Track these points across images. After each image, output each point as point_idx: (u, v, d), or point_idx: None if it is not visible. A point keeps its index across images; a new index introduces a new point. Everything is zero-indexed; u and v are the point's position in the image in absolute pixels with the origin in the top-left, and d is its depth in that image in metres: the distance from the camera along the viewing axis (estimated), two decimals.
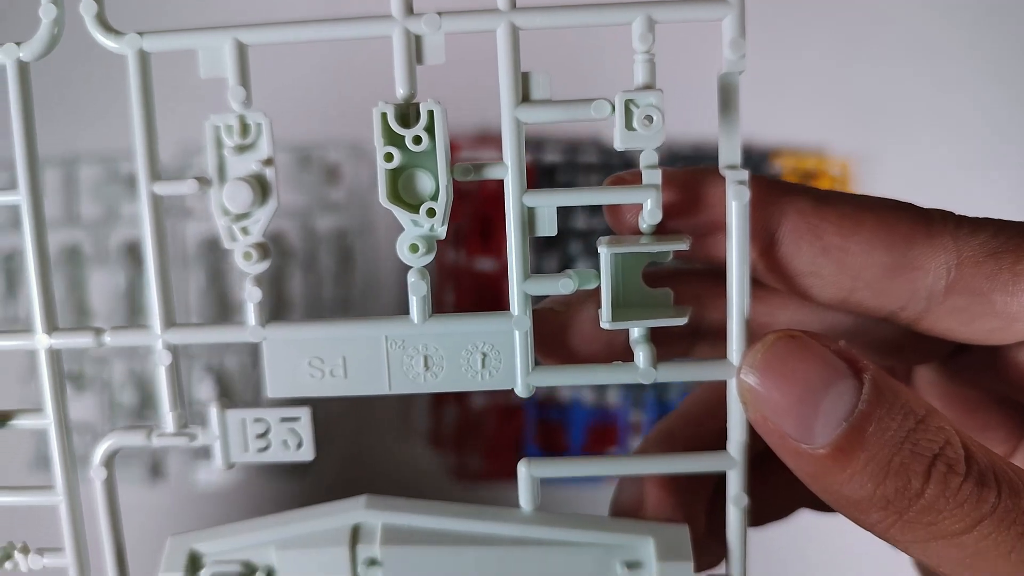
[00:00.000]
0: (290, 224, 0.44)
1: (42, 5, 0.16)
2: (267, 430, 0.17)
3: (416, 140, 0.16)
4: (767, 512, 0.21)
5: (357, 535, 0.17)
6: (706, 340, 0.18)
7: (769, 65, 0.15)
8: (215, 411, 0.17)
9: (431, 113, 0.16)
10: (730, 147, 0.16)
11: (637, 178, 0.17)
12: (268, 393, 0.17)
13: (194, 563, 0.18)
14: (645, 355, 0.17)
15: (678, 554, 0.17)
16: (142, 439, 0.18)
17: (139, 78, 0.16)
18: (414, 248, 0.16)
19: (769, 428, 0.16)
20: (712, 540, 0.18)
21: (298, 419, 0.17)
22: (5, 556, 0.18)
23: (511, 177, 0.16)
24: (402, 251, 0.16)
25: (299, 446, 0.17)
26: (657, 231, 0.17)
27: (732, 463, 0.17)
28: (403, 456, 0.49)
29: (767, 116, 0.36)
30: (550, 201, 0.16)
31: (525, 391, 0.17)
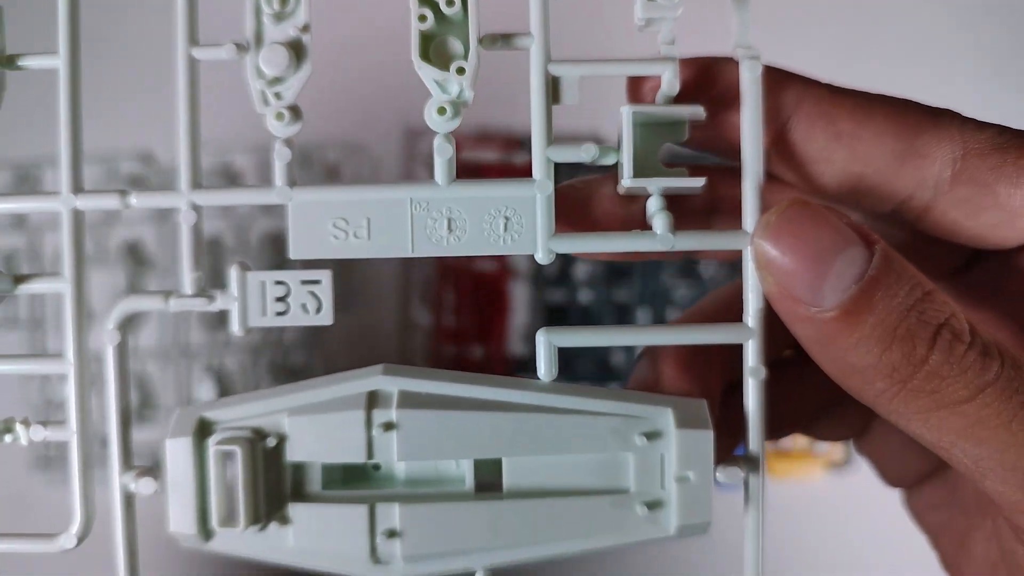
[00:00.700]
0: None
1: None
2: (287, 293, 0.17)
3: (449, 3, 0.17)
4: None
5: (373, 401, 0.17)
6: (721, 221, 0.19)
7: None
8: (235, 273, 0.17)
9: None
10: (742, 29, 0.17)
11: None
12: (291, 255, 0.17)
13: (203, 429, 0.17)
14: (663, 222, 0.17)
15: (697, 423, 0.17)
16: (159, 302, 0.18)
17: None
18: (441, 111, 0.17)
19: (780, 293, 0.16)
20: (723, 433, 0.18)
21: (319, 282, 0.17)
22: (5, 429, 0.18)
23: (536, 47, 0.17)
24: (430, 115, 0.17)
25: (319, 310, 0.17)
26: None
27: (749, 333, 0.17)
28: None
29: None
30: (574, 71, 0.17)
31: (545, 257, 0.17)
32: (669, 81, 0.17)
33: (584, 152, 0.17)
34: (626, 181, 0.17)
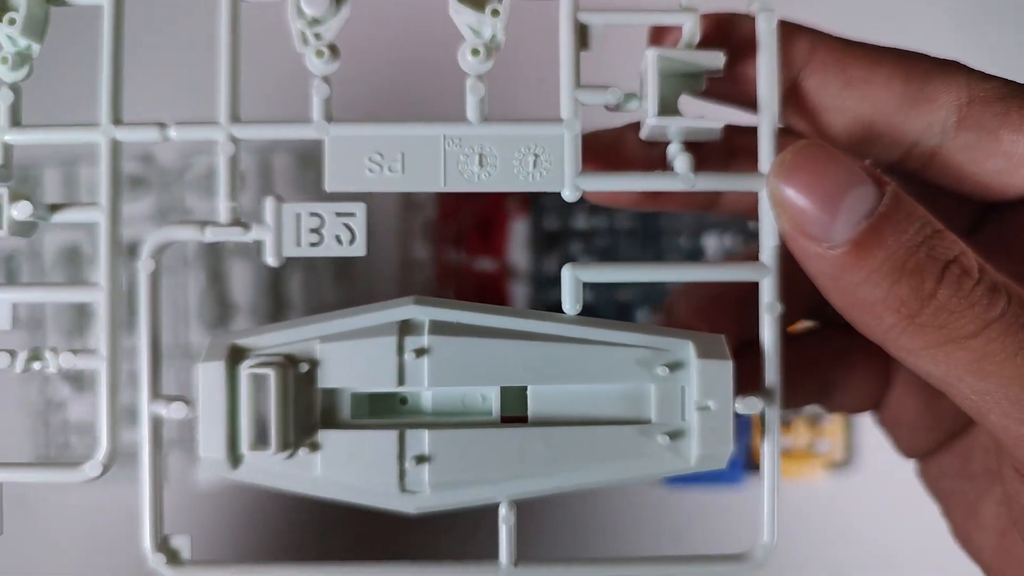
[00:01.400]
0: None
1: None
2: (321, 225, 0.18)
3: None
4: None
5: (405, 329, 0.17)
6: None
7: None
8: (270, 204, 0.18)
9: None
10: None
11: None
12: (326, 187, 0.18)
13: (236, 355, 0.17)
14: (684, 162, 0.18)
15: (718, 354, 0.18)
16: (194, 232, 0.18)
17: None
18: (475, 53, 0.18)
19: (794, 230, 0.17)
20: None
21: (353, 214, 0.18)
22: (34, 356, 0.18)
23: None
24: (464, 57, 0.18)
25: (351, 241, 0.18)
26: None
27: (765, 271, 0.18)
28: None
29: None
30: (601, 20, 0.18)
31: (572, 194, 0.18)
32: (690, 30, 0.18)
33: (610, 94, 0.18)
34: (651, 120, 0.18)
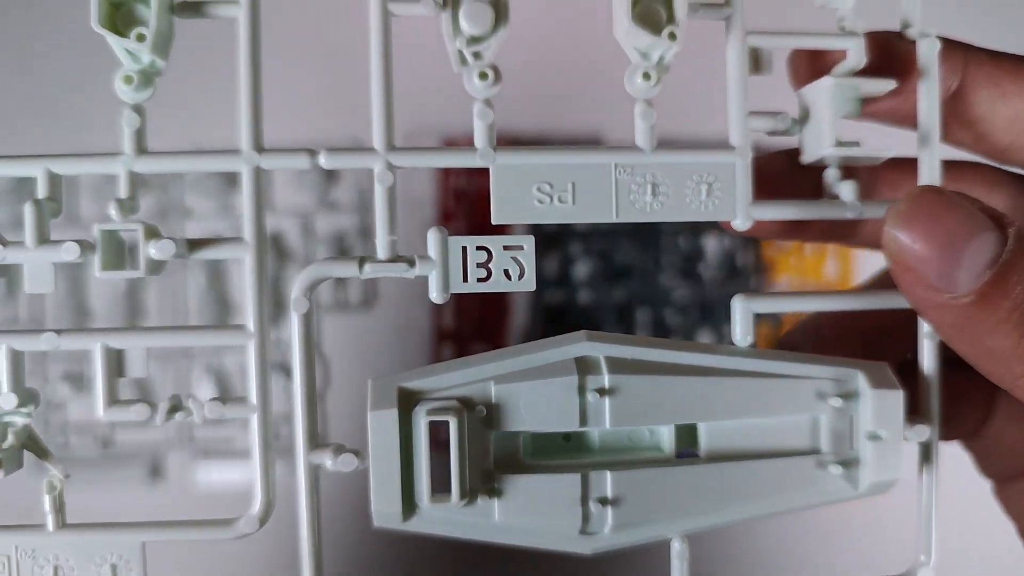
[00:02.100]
0: (290, 224, 0.43)
1: None
2: (488, 259, 0.17)
3: None
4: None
5: (581, 367, 0.17)
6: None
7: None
8: (435, 236, 0.17)
9: None
10: (911, 7, 0.18)
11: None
12: (494, 219, 0.17)
13: (407, 399, 0.16)
14: (850, 190, 0.18)
15: (888, 383, 0.18)
16: (352, 269, 0.17)
17: None
18: (646, 77, 0.17)
19: (913, 280, 0.16)
20: None
21: (521, 248, 0.17)
22: (174, 408, 0.16)
23: (737, 17, 0.17)
24: (633, 81, 0.17)
25: (520, 276, 0.17)
26: None
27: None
28: None
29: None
30: (772, 43, 0.18)
31: (744, 223, 0.17)
32: (856, 55, 0.18)
33: (779, 121, 0.18)
34: (827, 150, 0.17)
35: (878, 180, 0.20)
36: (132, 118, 0.16)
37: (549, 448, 0.18)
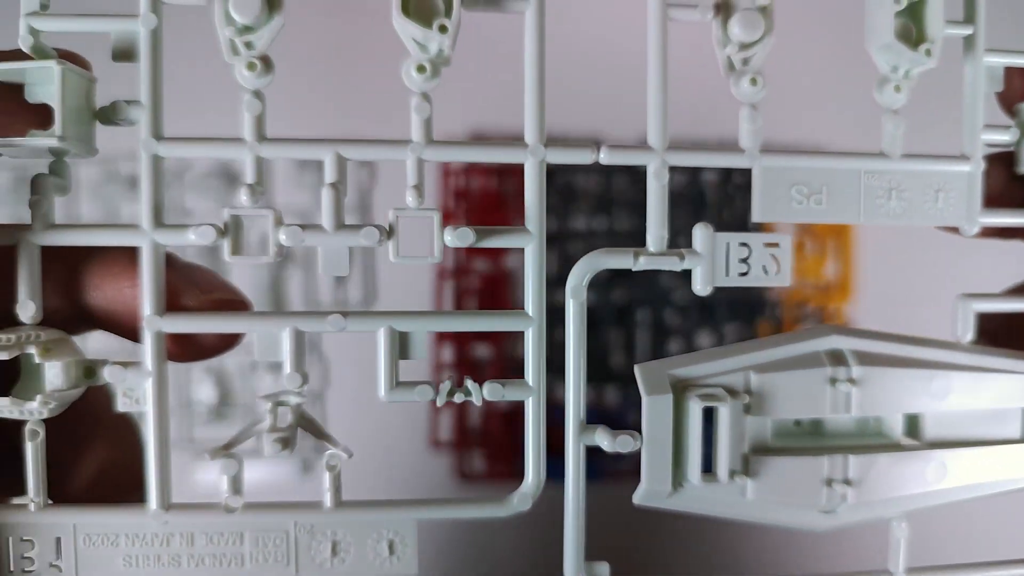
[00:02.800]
0: (290, 224, 0.43)
1: None
2: (748, 255, 0.18)
3: None
4: None
5: (831, 359, 0.18)
6: None
7: (771, 64, 0.18)
8: (703, 232, 0.18)
9: None
10: None
11: None
12: (756, 217, 0.18)
13: (675, 386, 0.17)
14: None
15: None
16: (627, 261, 0.17)
17: None
18: (898, 89, 0.18)
19: None
20: None
21: (778, 245, 0.18)
22: (453, 389, 0.17)
23: (978, 34, 0.19)
24: (884, 92, 0.18)
25: (777, 272, 0.18)
26: None
27: None
28: (404, 458, 0.47)
29: (768, 112, 0.41)
30: (1003, 61, 0.19)
31: (972, 228, 0.19)
32: None
33: (1010, 134, 0.19)
34: None
35: None
36: (423, 107, 0.17)
37: (781, 432, 0.19)
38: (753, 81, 0.17)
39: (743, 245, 0.18)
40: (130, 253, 0.17)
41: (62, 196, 0.17)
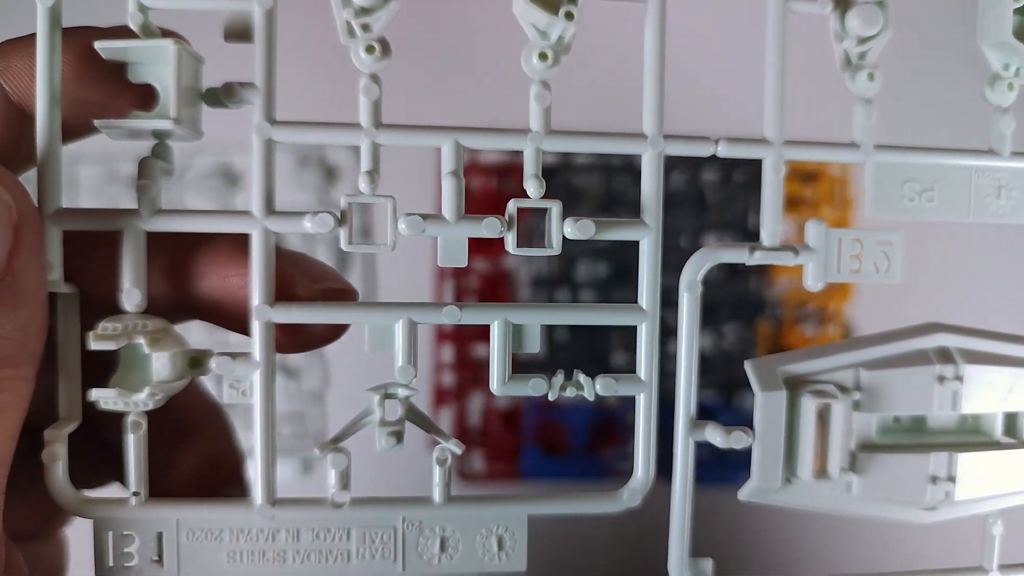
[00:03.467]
0: None
1: None
2: (860, 251, 0.18)
3: None
4: None
5: (938, 356, 0.18)
6: None
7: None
8: (816, 228, 0.17)
9: None
10: None
11: None
12: (869, 212, 0.18)
13: (789, 382, 0.17)
14: None
15: None
16: (742, 255, 0.17)
17: None
18: (1011, 87, 0.18)
19: None
20: None
21: (891, 243, 0.18)
22: (565, 384, 0.17)
23: None
24: (995, 91, 0.18)
25: (887, 269, 0.18)
26: None
27: None
28: (404, 458, 0.47)
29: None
30: None
31: None
32: None
33: None
34: None
35: None
36: (543, 95, 0.16)
37: (885, 429, 0.19)
38: (870, 76, 0.17)
39: (856, 241, 0.18)
40: (236, 241, 0.16)
41: (167, 179, 0.16)
